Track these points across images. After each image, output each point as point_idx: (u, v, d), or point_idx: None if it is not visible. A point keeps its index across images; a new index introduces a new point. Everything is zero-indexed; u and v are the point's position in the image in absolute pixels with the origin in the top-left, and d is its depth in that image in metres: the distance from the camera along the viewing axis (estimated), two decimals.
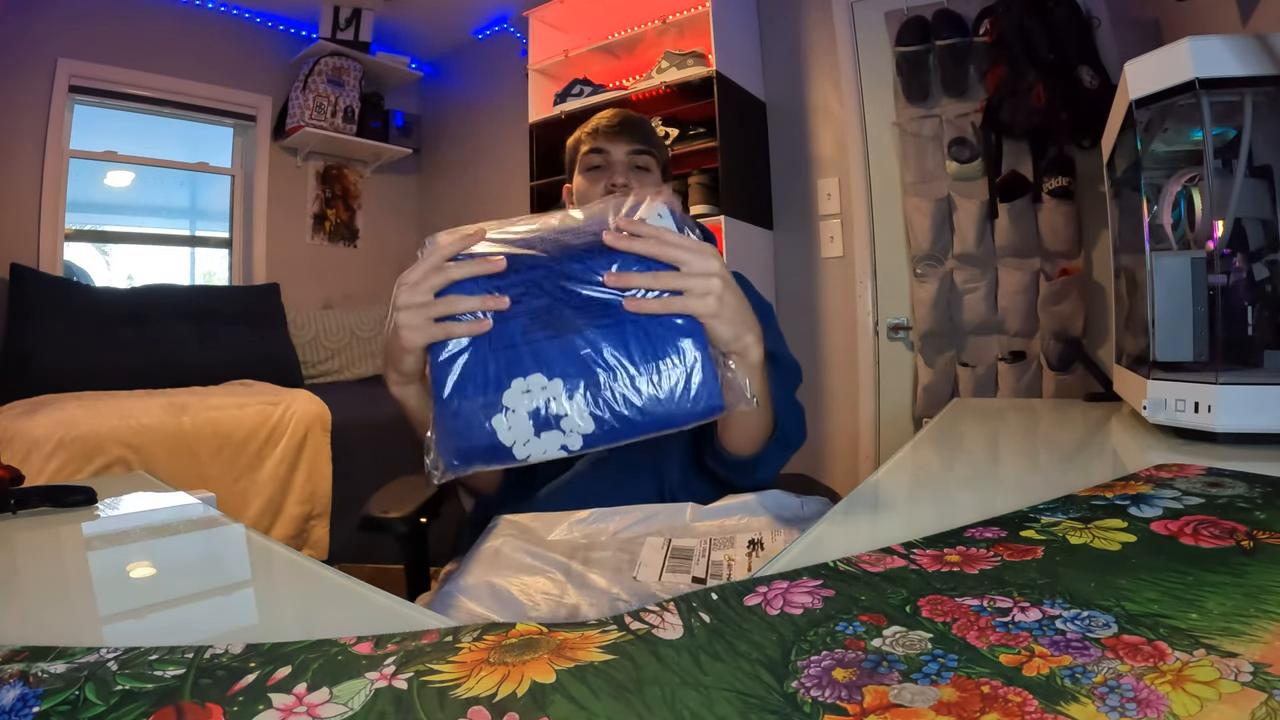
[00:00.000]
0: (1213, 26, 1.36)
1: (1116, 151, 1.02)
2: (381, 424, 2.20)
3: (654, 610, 0.36)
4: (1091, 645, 0.30)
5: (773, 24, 2.57)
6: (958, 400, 1.67)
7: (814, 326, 2.50)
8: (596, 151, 0.98)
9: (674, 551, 0.67)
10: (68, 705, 0.29)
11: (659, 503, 0.80)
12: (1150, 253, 0.84)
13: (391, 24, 3.28)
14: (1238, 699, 0.25)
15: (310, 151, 3.28)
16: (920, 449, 0.89)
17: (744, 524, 0.72)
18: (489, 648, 0.33)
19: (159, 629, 0.43)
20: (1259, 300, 0.81)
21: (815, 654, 0.31)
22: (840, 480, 2.38)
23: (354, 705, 0.28)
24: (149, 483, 0.88)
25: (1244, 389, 0.73)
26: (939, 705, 0.26)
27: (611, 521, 0.75)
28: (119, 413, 1.91)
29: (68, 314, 2.33)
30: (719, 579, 0.62)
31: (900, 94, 2.26)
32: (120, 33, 2.74)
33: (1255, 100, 0.75)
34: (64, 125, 2.63)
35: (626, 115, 1.01)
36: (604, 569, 0.65)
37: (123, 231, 2.99)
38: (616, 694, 0.28)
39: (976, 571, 0.39)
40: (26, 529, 0.65)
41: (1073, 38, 1.90)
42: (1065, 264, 2.03)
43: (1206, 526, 0.43)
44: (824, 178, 2.47)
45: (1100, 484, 0.55)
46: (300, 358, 2.87)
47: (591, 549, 0.70)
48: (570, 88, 2.68)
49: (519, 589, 0.63)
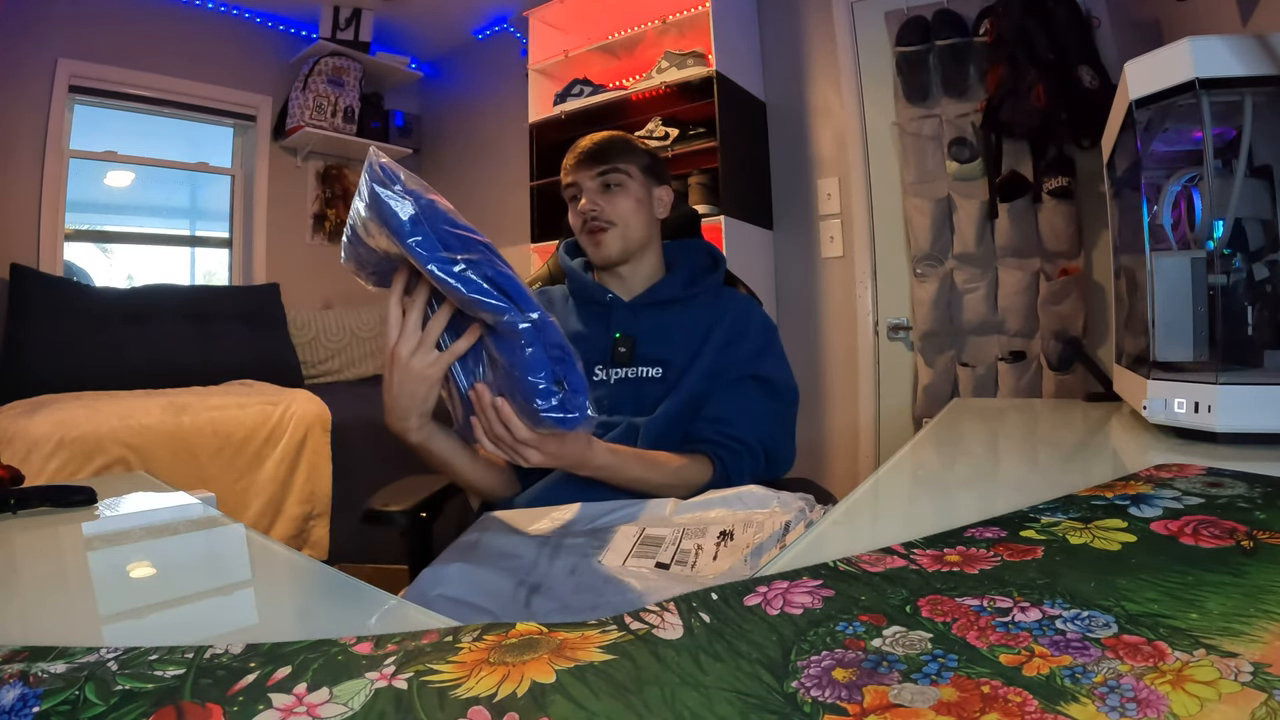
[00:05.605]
0: (1213, 26, 1.36)
1: (1116, 151, 1.02)
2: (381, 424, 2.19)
3: (654, 610, 0.36)
4: (1091, 645, 0.30)
5: (773, 24, 2.57)
6: (958, 400, 1.67)
7: (814, 326, 2.50)
8: (571, 185, 1.05)
9: (645, 539, 0.69)
10: (68, 705, 0.29)
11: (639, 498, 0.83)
12: (1150, 253, 0.84)
13: (391, 24, 3.28)
14: (1238, 699, 0.25)
15: (310, 151, 3.28)
16: (920, 449, 0.89)
17: (719, 517, 0.73)
18: (489, 648, 0.33)
19: (159, 629, 0.43)
20: (1259, 300, 0.81)
21: (815, 654, 0.31)
22: (840, 480, 2.38)
23: (354, 705, 0.28)
24: (149, 483, 0.88)
25: (1244, 389, 0.73)
26: (939, 705, 0.26)
27: (592, 513, 0.77)
28: (119, 413, 1.91)
29: (68, 314, 2.33)
30: (684, 565, 0.63)
31: (900, 94, 2.26)
32: (120, 33, 2.74)
33: (1255, 100, 0.75)
34: (64, 125, 2.63)
35: (593, 142, 1.05)
36: (571, 554, 0.67)
37: (123, 231, 2.99)
38: (616, 694, 0.28)
39: (976, 571, 0.39)
40: (26, 529, 0.65)
41: (1073, 38, 1.90)
42: (1065, 264, 2.03)
43: (1206, 526, 0.43)
44: (824, 178, 2.47)
45: (1100, 484, 0.55)
46: (300, 358, 2.87)
47: (565, 536, 0.72)
48: (570, 88, 2.68)
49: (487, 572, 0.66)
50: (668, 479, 0.88)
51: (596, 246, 1.03)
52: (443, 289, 0.63)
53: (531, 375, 0.65)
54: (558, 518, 0.77)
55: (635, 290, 1.06)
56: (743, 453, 0.93)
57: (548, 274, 1.24)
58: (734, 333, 1.01)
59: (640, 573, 0.63)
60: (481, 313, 0.63)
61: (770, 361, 1.02)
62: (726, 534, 0.68)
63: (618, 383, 0.99)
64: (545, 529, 0.75)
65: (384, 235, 0.62)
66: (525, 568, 0.67)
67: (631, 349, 1.00)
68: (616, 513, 0.77)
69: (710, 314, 1.03)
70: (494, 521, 0.79)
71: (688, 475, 0.90)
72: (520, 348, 0.64)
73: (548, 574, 0.65)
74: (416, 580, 0.67)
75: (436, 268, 0.61)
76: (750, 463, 0.94)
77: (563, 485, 0.88)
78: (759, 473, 0.94)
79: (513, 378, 0.66)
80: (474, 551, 0.71)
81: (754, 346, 1.01)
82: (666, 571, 0.63)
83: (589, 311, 1.06)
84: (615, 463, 0.84)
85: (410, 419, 0.76)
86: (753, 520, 0.71)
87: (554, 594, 0.62)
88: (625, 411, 0.97)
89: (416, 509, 0.98)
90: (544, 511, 0.79)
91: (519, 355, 0.64)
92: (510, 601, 0.63)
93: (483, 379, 0.71)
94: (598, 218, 1.02)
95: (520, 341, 0.64)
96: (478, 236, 0.63)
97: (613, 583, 0.62)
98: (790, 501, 0.77)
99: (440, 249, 0.60)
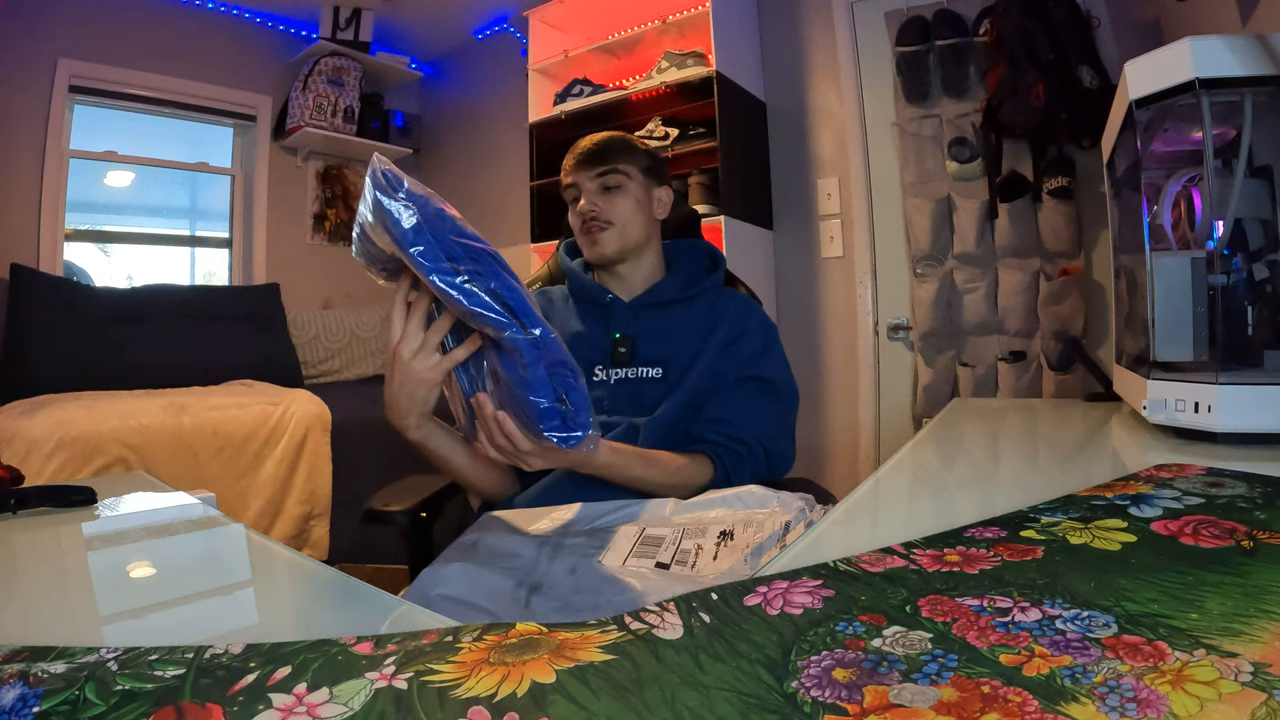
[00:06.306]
0: (1213, 26, 1.36)
1: (1116, 151, 1.01)
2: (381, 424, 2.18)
3: (654, 610, 0.36)
4: (1091, 645, 0.30)
5: (773, 24, 2.57)
6: (958, 400, 1.67)
7: (814, 326, 2.50)
8: (570, 187, 1.05)
9: (645, 539, 0.69)
10: (68, 705, 0.29)
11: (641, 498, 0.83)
12: (1150, 253, 0.84)
13: (391, 24, 3.28)
14: (1238, 699, 0.25)
15: (310, 151, 3.28)
16: (920, 449, 0.89)
17: (719, 517, 0.73)
18: (489, 648, 0.33)
19: (159, 629, 0.43)
20: (1259, 300, 0.81)
21: (815, 654, 0.31)
22: (840, 480, 2.38)
23: (354, 705, 0.28)
24: (149, 483, 0.88)
25: (1244, 389, 0.73)
26: (939, 705, 0.26)
27: (592, 513, 0.77)
28: (119, 413, 1.91)
29: (68, 314, 2.33)
30: (684, 565, 0.64)
31: (900, 94, 2.26)
32: (120, 33, 2.74)
33: (1255, 100, 0.75)
34: (64, 125, 2.63)
35: (593, 143, 1.05)
36: (571, 554, 0.67)
37: (123, 231, 2.99)
38: (616, 694, 0.28)
39: (976, 571, 0.39)
40: (26, 529, 0.65)
41: (1073, 38, 1.90)
42: (1065, 264, 2.03)
43: (1206, 526, 0.43)
44: (824, 178, 2.47)
45: (1100, 484, 0.55)
46: (300, 358, 2.87)
47: (565, 536, 0.72)
48: (570, 88, 2.68)
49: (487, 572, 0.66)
50: (668, 478, 0.88)
51: (593, 245, 1.03)
52: (444, 299, 0.63)
53: (534, 395, 0.64)
54: (558, 518, 0.77)
55: (635, 290, 1.06)
56: (743, 453, 0.93)
57: (548, 274, 1.24)
58: (734, 333, 1.01)
59: (640, 573, 0.63)
60: (483, 325, 0.63)
61: (770, 362, 1.02)
62: (726, 534, 0.68)
63: (618, 383, 0.99)
64: (545, 529, 0.75)
65: (388, 240, 0.62)
66: (525, 568, 0.67)
67: (631, 349, 1.00)
68: (616, 513, 0.77)
69: (710, 314, 1.03)
70: (494, 521, 0.79)
71: (688, 475, 0.91)
72: (522, 366, 0.63)
73: (548, 574, 0.65)
74: (416, 580, 0.67)
75: (438, 278, 0.60)
76: (750, 463, 0.94)
77: (563, 485, 0.88)
78: (759, 473, 0.94)
79: (515, 395, 0.66)
80: (474, 551, 0.71)
81: (754, 347, 1.01)
82: (666, 571, 0.63)
83: (589, 312, 1.06)
84: (617, 461, 0.84)
85: (410, 418, 0.77)
86: (753, 520, 0.72)
87: (554, 594, 0.63)
88: (625, 412, 0.97)
89: (416, 509, 0.98)
90: (544, 511, 0.79)
91: (520, 373, 0.64)
92: (510, 601, 0.63)
93: (484, 389, 0.71)
94: (596, 218, 1.02)
95: (522, 359, 0.63)
96: (484, 246, 0.62)
97: (613, 583, 0.62)
98: (790, 501, 0.77)
99: (443, 259, 0.60)
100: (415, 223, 0.59)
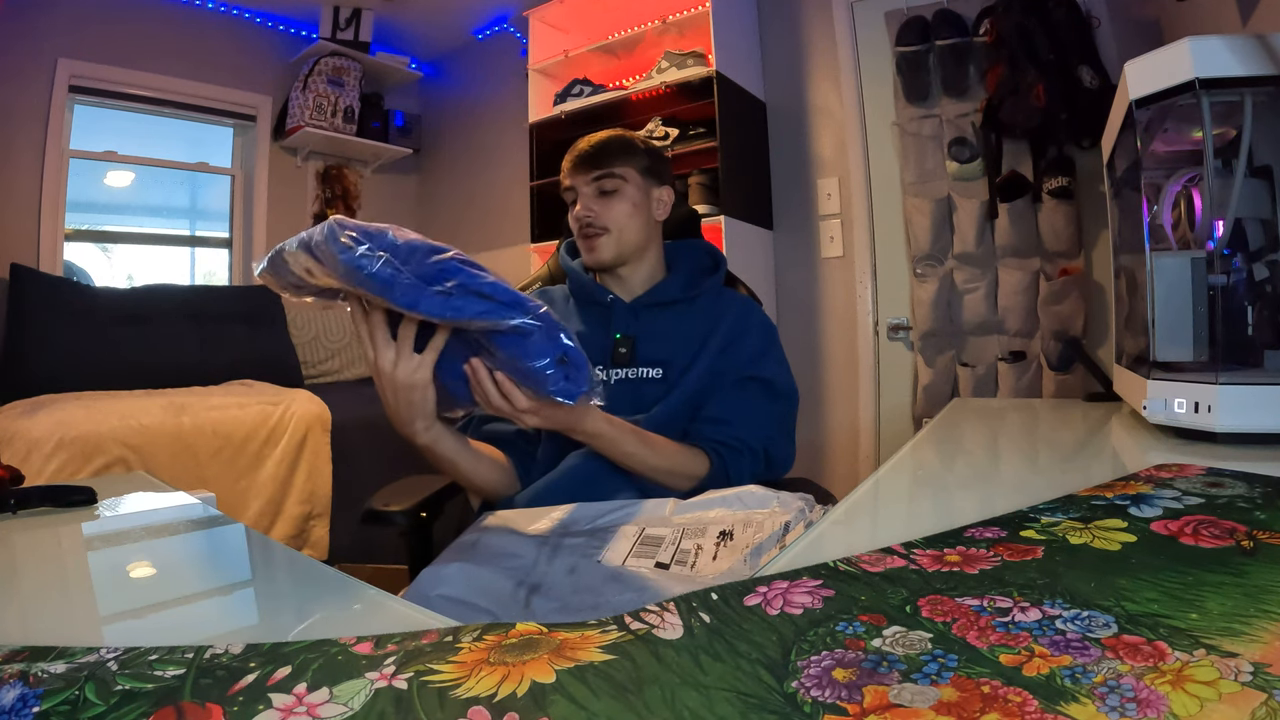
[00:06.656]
0: (1213, 26, 1.36)
1: (1116, 151, 1.01)
2: (381, 424, 2.18)
3: (654, 610, 0.36)
4: (1091, 645, 0.30)
5: (773, 24, 2.57)
6: (958, 400, 1.67)
7: (814, 326, 2.50)
8: (568, 189, 1.05)
9: (645, 539, 0.69)
10: (68, 705, 0.29)
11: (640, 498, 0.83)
12: (1150, 253, 0.84)
13: (391, 24, 3.28)
14: (1238, 699, 0.25)
15: (310, 151, 3.28)
16: (920, 449, 0.89)
17: (719, 517, 0.74)
18: (489, 648, 0.33)
19: (159, 629, 0.43)
20: (1259, 300, 0.81)
21: (815, 654, 0.31)
22: (840, 480, 2.38)
23: (354, 705, 0.28)
24: (149, 483, 0.88)
25: (1244, 389, 0.73)
26: (939, 705, 0.26)
27: (592, 513, 0.77)
28: (119, 413, 1.91)
29: (68, 314, 2.33)
30: (684, 565, 0.64)
31: (900, 94, 2.26)
32: (120, 33, 2.74)
33: (1255, 100, 0.75)
34: (64, 125, 2.63)
35: (590, 145, 1.04)
36: (571, 554, 0.67)
37: (123, 231, 2.99)
38: (616, 694, 0.28)
39: (976, 571, 0.39)
40: (26, 529, 0.65)
41: (1073, 38, 1.90)
42: (1065, 264, 2.03)
43: (1206, 526, 0.43)
44: (824, 178, 2.47)
45: (1100, 484, 0.55)
46: (300, 358, 2.87)
47: (565, 536, 0.72)
48: (570, 88, 2.68)
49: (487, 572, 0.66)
50: (661, 461, 0.88)
51: (590, 251, 1.03)
52: (438, 323, 0.65)
53: (535, 362, 0.66)
54: (558, 518, 0.77)
55: (635, 291, 1.06)
56: (743, 452, 0.93)
57: (548, 274, 1.24)
58: (734, 334, 1.01)
59: (640, 573, 0.63)
60: (483, 326, 0.64)
61: (770, 363, 1.02)
62: (726, 534, 0.69)
63: (618, 383, 0.99)
64: (545, 529, 0.75)
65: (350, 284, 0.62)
66: (525, 568, 0.67)
67: (632, 350, 1.00)
68: (616, 513, 0.77)
69: (710, 315, 1.03)
70: (494, 521, 0.79)
71: (681, 462, 0.90)
72: (520, 340, 0.64)
73: (547, 574, 0.65)
74: (416, 580, 0.67)
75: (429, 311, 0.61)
76: (750, 463, 0.94)
77: (563, 485, 0.88)
78: (759, 474, 0.94)
79: (517, 368, 0.68)
80: (474, 551, 0.71)
81: (754, 348, 1.01)
82: (666, 571, 0.63)
83: (589, 312, 1.06)
84: (610, 432, 0.84)
85: (415, 424, 0.76)
86: (752, 520, 0.72)
87: (554, 594, 0.63)
88: (625, 412, 0.97)
89: (416, 509, 0.98)
90: (544, 511, 0.79)
91: (520, 346, 0.65)
92: (510, 601, 0.63)
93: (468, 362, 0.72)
94: (592, 223, 1.01)
95: (522, 338, 0.64)
96: (449, 255, 0.62)
97: (612, 583, 0.62)
98: (790, 501, 0.77)
99: (426, 287, 0.60)
100: (389, 274, 0.59)
